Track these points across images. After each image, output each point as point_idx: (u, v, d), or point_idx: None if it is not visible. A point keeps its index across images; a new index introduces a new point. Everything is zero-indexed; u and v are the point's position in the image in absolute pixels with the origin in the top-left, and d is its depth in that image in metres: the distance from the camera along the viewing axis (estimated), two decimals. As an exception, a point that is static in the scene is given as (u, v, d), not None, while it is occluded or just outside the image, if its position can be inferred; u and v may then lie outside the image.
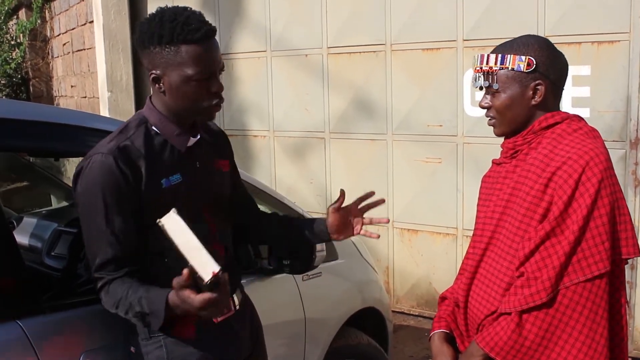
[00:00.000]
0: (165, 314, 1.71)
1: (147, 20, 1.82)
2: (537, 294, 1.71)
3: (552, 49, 1.86)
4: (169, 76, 1.79)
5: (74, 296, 2.25)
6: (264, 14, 5.78)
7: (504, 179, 1.91)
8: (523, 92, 1.84)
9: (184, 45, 1.75)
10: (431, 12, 4.85)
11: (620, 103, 4.16)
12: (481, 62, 1.88)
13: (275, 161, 5.94)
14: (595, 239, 1.70)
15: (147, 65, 1.83)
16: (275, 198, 2.95)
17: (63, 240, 2.97)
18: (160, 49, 1.76)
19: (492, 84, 1.86)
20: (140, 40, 1.81)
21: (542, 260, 1.72)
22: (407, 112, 5.06)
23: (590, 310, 1.70)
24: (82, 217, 1.83)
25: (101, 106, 6.74)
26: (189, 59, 1.76)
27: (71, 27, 7.84)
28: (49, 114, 2.34)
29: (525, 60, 1.81)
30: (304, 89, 5.63)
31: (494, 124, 1.93)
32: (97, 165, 1.77)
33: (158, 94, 1.86)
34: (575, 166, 1.72)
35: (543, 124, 1.85)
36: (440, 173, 4.97)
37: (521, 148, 1.88)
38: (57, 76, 9.26)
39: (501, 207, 1.87)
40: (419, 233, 5.19)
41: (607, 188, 1.71)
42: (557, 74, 1.85)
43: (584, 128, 1.84)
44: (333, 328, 3.00)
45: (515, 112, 1.87)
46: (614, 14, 4.12)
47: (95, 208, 1.77)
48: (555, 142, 1.81)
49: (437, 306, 5.21)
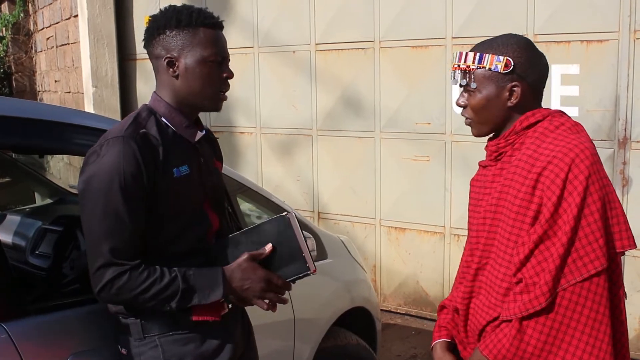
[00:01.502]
0: (223, 286, 1.79)
1: (160, 11, 1.90)
2: (535, 299, 1.69)
3: (532, 49, 1.83)
4: (185, 57, 1.85)
5: (60, 297, 2.20)
6: (251, 9, 5.74)
7: (491, 182, 1.88)
8: (499, 93, 1.81)
9: (202, 27, 1.85)
10: (420, 9, 4.83)
11: (608, 102, 4.16)
12: (459, 60, 1.85)
13: (262, 158, 5.90)
14: (588, 237, 1.68)
15: (159, 52, 1.87)
16: (262, 196, 2.91)
17: (48, 238, 2.93)
18: (177, 32, 1.84)
19: (469, 83, 1.83)
20: (155, 27, 1.87)
21: (539, 265, 1.70)
22: (396, 110, 5.04)
23: (591, 309, 1.68)
24: (92, 200, 1.77)
25: (85, 101, 6.65)
26: (207, 41, 1.85)
27: (55, 21, 7.74)
28: (34, 110, 2.29)
29: (503, 60, 1.78)
30: (292, 85, 5.59)
31: (470, 124, 1.91)
32: (117, 148, 1.76)
33: (168, 81, 1.89)
34: (561, 165, 1.70)
35: (524, 123, 1.82)
36: (428, 171, 4.96)
37: (504, 150, 1.85)
38: (40, 71, 9.15)
39: (492, 213, 1.85)
40: (406, 231, 5.17)
41: (595, 183, 1.69)
42: (535, 75, 1.83)
43: (567, 123, 1.81)
44: (322, 328, 2.97)
45: (491, 112, 1.84)
46: (603, 13, 4.12)
47: (111, 190, 1.74)
48: (538, 141, 1.78)
49: (424, 305, 5.22)
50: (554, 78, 4.31)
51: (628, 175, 4.15)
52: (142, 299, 1.75)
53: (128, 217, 1.75)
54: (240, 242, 1.87)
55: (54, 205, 3.57)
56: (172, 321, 1.85)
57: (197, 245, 1.90)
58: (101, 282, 1.75)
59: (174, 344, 1.86)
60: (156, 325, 1.85)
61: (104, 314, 1.91)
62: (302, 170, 5.67)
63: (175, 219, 1.85)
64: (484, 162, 1.95)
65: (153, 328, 1.85)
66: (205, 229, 1.93)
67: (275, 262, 1.83)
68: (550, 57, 4.23)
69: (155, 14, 1.92)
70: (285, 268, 1.82)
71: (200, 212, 1.93)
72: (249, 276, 1.81)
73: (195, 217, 1.90)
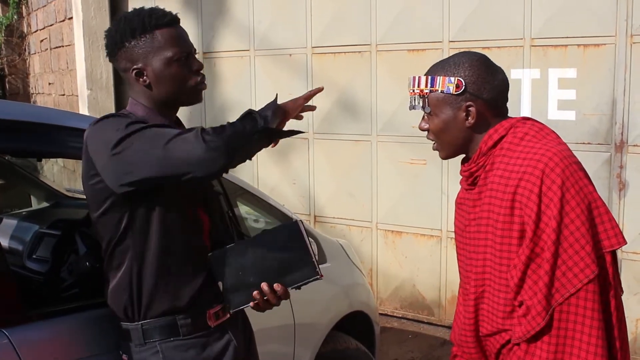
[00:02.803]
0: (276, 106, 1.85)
1: (111, 27, 1.89)
2: (533, 320, 1.68)
3: (486, 66, 1.79)
4: (151, 64, 1.83)
5: (59, 302, 2.18)
6: (247, 13, 5.73)
7: (473, 208, 1.85)
8: (455, 115, 1.78)
9: (157, 30, 1.83)
10: (417, 13, 4.83)
11: (605, 106, 4.17)
12: (413, 85, 1.83)
13: (258, 162, 5.88)
14: (574, 246, 1.64)
15: (125, 65, 1.86)
16: (260, 199, 2.90)
17: (45, 242, 2.90)
18: (136, 42, 1.83)
19: (425, 107, 1.80)
20: (112, 42, 1.85)
21: (535, 285, 1.68)
22: (392, 113, 5.03)
23: (592, 318, 1.66)
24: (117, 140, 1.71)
25: (80, 104, 6.63)
26: (166, 42, 1.83)
27: (49, 24, 7.71)
28: (31, 113, 2.27)
29: (454, 81, 1.75)
30: (288, 89, 5.56)
31: (437, 147, 1.87)
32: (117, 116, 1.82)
33: (141, 90, 1.87)
34: (532, 179, 1.66)
35: (489, 142, 1.78)
36: (425, 175, 4.96)
37: (478, 173, 1.82)
38: (34, 73, 9.11)
39: (479, 240, 1.82)
40: (403, 235, 5.16)
41: (570, 189, 1.65)
42: (491, 92, 1.78)
43: (530, 131, 1.77)
44: (322, 332, 2.96)
45: (452, 135, 1.80)
46: (600, 17, 4.13)
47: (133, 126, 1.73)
48: (506, 158, 1.75)
49: (420, 309, 5.21)
50: (551, 82, 4.32)
51: (625, 179, 4.16)
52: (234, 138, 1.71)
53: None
54: (247, 249, 1.86)
55: (51, 209, 3.54)
56: (173, 327, 1.84)
57: (191, 244, 1.89)
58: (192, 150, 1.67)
59: (175, 350, 1.84)
60: (157, 331, 1.84)
61: (105, 319, 1.89)
62: (299, 174, 5.65)
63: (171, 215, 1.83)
64: (463, 184, 1.91)
65: (154, 334, 1.84)
66: (197, 227, 1.91)
67: (284, 267, 1.82)
68: (548, 61, 4.31)
69: (109, 27, 1.90)
70: (294, 274, 1.81)
71: (191, 211, 1.90)
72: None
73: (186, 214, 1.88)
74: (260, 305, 1.85)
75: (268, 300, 1.83)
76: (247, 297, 1.84)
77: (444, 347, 4.73)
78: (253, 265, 1.84)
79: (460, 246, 1.93)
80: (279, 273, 1.82)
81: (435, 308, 5.05)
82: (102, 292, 1.92)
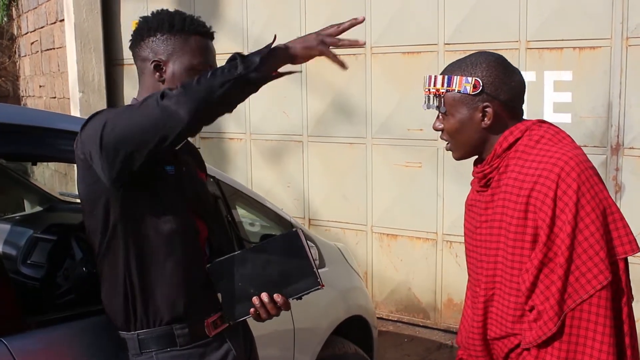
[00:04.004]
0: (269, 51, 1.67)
1: (152, 14, 1.87)
2: (545, 325, 1.66)
3: (504, 67, 1.77)
4: (173, 63, 1.82)
5: (57, 308, 2.14)
6: (241, 15, 5.70)
7: (485, 210, 1.83)
8: (472, 115, 1.76)
9: (194, 35, 1.83)
10: (412, 16, 4.82)
11: (601, 109, 4.17)
12: (429, 84, 1.81)
13: (252, 165, 5.86)
14: (588, 252, 1.63)
15: (147, 54, 1.84)
16: (257, 202, 2.88)
17: (40, 247, 2.86)
18: (168, 36, 1.82)
19: (440, 107, 1.79)
20: (145, 29, 1.84)
21: (547, 289, 1.66)
22: (387, 116, 5.02)
23: (604, 325, 1.64)
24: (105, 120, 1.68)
25: (72, 107, 6.57)
26: (197, 49, 1.83)
27: (40, 26, 7.65)
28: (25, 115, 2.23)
29: (471, 81, 1.73)
30: (282, 91, 5.55)
31: (450, 148, 1.85)
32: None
33: (152, 84, 1.84)
34: (547, 183, 1.65)
35: (504, 144, 1.77)
36: (420, 177, 4.94)
37: (491, 175, 1.80)
38: (24, 76, 9.04)
39: (490, 242, 1.80)
40: (398, 238, 5.15)
41: (586, 194, 1.63)
42: (508, 93, 1.76)
43: (546, 134, 1.75)
44: (321, 337, 2.94)
45: (467, 135, 1.78)
46: (596, 20, 4.13)
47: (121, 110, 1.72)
48: (521, 161, 1.73)
49: (416, 312, 5.18)
50: (547, 85, 4.32)
51: (621, 181, 4.16)
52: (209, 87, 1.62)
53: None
54: (247, 259, 1.82)
55: (45, 213, 3.50)
56: (170, 337, 1.80)
57: (187, 249, 1.84)
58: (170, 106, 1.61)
59: None
60: (153, 341, 1.80)
61: (104, 328, 1.86)
62: (293, 177, 5.63)
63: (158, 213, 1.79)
64: (475, 186, 1.89)
65: (150, 344, 1.80)
66: (191, 233, 1.87)
67: (284, 278, 1.80)
68: (543, 64, 4.31)
69: (146, 15, 1.88)
70: (295, 284, 1.79)
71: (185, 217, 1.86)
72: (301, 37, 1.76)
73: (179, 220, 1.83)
74: (260, 316, 1.82)
75: (268, 311, 1.80)
76: (247, 308, 1.81)
77: (440, 351, 4.71)
78: (253, 275, 1.81)
79: (470, 248, 1.91)
80: (279, 283, 1.80)
81: (431, 311, 5.04)
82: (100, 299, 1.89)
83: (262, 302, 1.79)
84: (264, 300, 1.78)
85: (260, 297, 1.78)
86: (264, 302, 1.79)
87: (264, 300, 1.78)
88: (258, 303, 1.79)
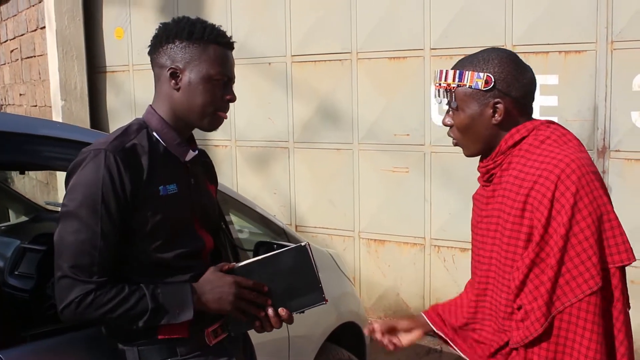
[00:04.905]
0: (193, 302, 1.71)
1: (172, 20, 1.85)
2: (531, 326, 1.65)
3: (516, 64, 1.76)
4: (190, 72, 1.79)
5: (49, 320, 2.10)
6: (225, 20, 5.67)
7: (486, 205, 1.83)
8: (482, 111, 1.75)
9: (213, 44, 1.80)
10: (398, 21, 4.83)
11: (587, 112, 4.20)
12: (440, 79, 1.79)
13: (238, 171, 5.82)
14: (580, 256, 1.61)
15: (164, 61, 1.81)
16: (256, 212, 2.85)
17: (28, 258, 2.81)
18: (187, 44, 1.79)
19: (450, 102, 1.78)
20: (164, 35, 1.81)
21: (536, 289, 1.65)
22: (374, 121, 5.02)
23: (591, 331, 1.62)
24: (67, 213, 1.69)
25: (54, 115, 6.50)
26: (216, 59, 1.79)
27: (20, 33, 7.56)
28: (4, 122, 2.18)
29: (483, 77, 1.72)
30: (268, 97, 5.54)
31: (460, 145, 1.85)
32: (97, 162, 1.68)
33: (168, 92, 1.82)
34: (547, 183, 1.64)
35: (509, 142, 1.76)
36: (407, 183, 4.94)
37: (494, 171, 1.80)
38: (3, 84, 8.92)
39: (487, 237, 1.80)
40: (386, 243, 5.14)
41: (584, 198, 1.61)
42: (520, 90, 1.75)
43: (553, 135, 1.74)
44: (316, 344, 2.93)
45: (477, 131, 1.78)
46: (581, 24, 4.17)
47: (88, 205, 1.66)
48: (524, 159, 1.72)
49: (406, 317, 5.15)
50: (533, 88, 4.34)
51: (607, 184, 4.19)
52: (109, 317, 1.66)
53: (100, 234, 1.66)
54: (253, 271, 1.80)
55: (31, 223, 3.45)
56: (171, 348, 1.78)
57: (190, 264, 1.82)
58: (65, 301, 1.65)
59: None
60: (154, 353, 1.78)
61: (101, 340, 1.82)
62: (279, 183, 5.61)
63: (161, 234, 1.76)
64: (480, 181, 1.90)
65: (151, 356, 1.78)
66: (196, 247, 1.85)
67: (290, 291, 1.79)
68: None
69: (166, 22, 1.86)
70: (300, 298, 1.78)
71: (191, 231, 1.85)
72: (217, 284, 1.74)
73: (184, 236, 1.83)
74: (263, 329, 1.82)
75: (272, 324, 1.80)
76: (251, 322, 1.80)
77: (429, 356, 4.70)
78: None
79: (473, 243, 1.91)
80: (284, 297, 1.79)
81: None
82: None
83: (266, 315, 1.78)
84: (268, 314, 1.78)
85: (266, 311, 1.77)
86: (269, 315, 1.78)
87: (269, 314, 1.78)
88: (263, 316, 1.78)
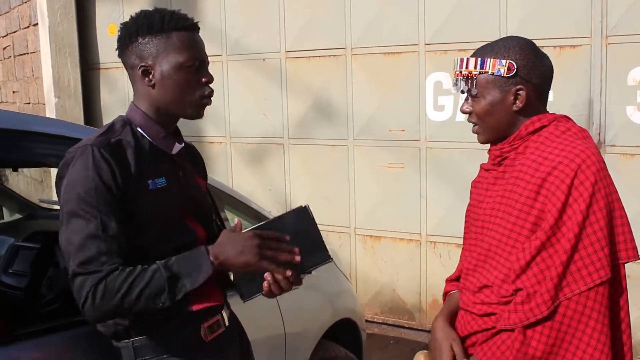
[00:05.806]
0: (211, 258, 1.65)
1: (129, 20, 1.80)
2: (537, 307, 1.65)
3: (535, 51, 1.80)
4: (160, 65, 1.75)
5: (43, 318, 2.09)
6: (219, 17, 5.64)
7: (493, 185, 1.85)
8: (504, 98, 1.77)
9: (175, 32, 1.76)
10: (393, 16, 4.81)
11: (582, 107, 4.19)
12: (460, 66, 1.82)
13: (232, 168, 5.80)
14: (594, 245, 1.64)
15: (133, 61, 1.78)
16: (251, 208, 2.84)
17: (22, 256, 2.79)
18: (150, 38, 1.75)
19: (471, 89, 1.80)
20: (127, 35, 1.78)
21: (541, 273, 1.66)
22: (369, 117, 5.00)
23: (592, 318, 1.64)
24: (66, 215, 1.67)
25: (47, 112, 6.45)
26: (181, 45, 1.75)
27: (12, 30, 7.52)
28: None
29: (505, 64, 1.75)
30: (262, 94, 5.52)
31: (477, 130, 1.87)
32: (85, 158, 1.66)
33: (145, 90, 1.80)
34: (566, 170, 1.66)
35: (530, 128, 1.79)
36: (403, 178, 4.93)
37: (508, 155, 1.82)
38: (-4, 81, 8.87)
39: (491, 216, 1.81)
40: (381, 239, 5.13)
41: (601, 190, 1.65)
42: (540, 77, 1.79)
43: (573, 129, 1.78)
44: (312, 341, 2.91)
45: (497, 118, 1.80)
46: (575, 18, 4.16)
47: (85, 201, 1.64)
48: (543, 145, 1.75)
49: (401, 314, 5.16)
50: (528, 83, 4.33)
51: (603, 179, 4.18)
52: (128, 302, 1.60)
53: (101, 224, 1.64)
54: None
55: (25, 221, 3.42)
56: (166, 344, 1.76)
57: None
58: (82, 298, 1.61)
59: None
60: (149, 349, 1.76)
61: (96, 337, 1.81)
62: (274, 180, 5.59)
63: (152, 229, 1.75)
64: (487, 165, 1.92)
65: (146, 352, 1.76)
66: (189, 240, 1.83)
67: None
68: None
69: (126, 20, 1.82)
70: (306, 258, 1.75)
71: (182, 224, 1.84)
72: (237, 240, 1.68)
73: (176, 229, 1.81)
74: (272, 292, 1.77)
75: (281, 287, 1.76)
76: (259, 285, 1.78)
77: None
78: None
79: (469, 222, 1.92)
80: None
81: (416, 312, 5.02)
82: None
83: (274, 278, 1.74)
84: (277, 277, 1.74)
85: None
86: (277, 279, 1.74)
87: (277, 277, 1.73)
88: (270, 279, 1.74)
